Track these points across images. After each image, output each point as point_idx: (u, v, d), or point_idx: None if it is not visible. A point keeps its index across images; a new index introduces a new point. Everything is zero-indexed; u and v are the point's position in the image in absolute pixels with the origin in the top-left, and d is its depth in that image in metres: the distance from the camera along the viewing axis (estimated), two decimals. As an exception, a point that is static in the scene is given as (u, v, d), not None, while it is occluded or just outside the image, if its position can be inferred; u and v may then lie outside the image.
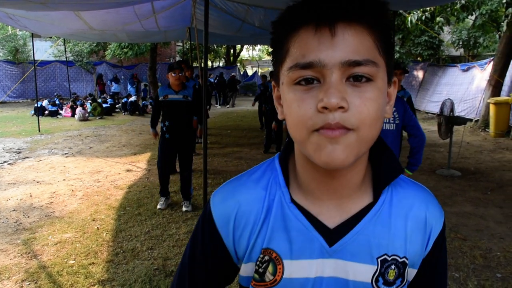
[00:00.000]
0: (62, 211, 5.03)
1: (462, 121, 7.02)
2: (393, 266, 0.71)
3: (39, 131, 11.37)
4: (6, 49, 20.50)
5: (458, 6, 9.27)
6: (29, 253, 3.88)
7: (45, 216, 4.88)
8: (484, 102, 11.73)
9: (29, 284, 3.32)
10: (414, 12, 10.02)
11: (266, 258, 0.71)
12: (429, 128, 11.14)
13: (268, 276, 0.72)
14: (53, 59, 21.30)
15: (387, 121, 3.31)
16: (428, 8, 10.11)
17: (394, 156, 0.75)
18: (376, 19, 0.61)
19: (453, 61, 18.88)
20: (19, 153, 8.59)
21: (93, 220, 4.70)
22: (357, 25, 0.60)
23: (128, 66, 23.00)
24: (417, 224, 0.73)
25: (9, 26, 12.23)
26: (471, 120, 12.04)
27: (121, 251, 3.90)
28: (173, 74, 4.73)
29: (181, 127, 4.89)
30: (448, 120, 6.85)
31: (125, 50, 17.70)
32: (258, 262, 0.72)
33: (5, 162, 7.72)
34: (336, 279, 0.70)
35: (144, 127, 12.31)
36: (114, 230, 4.41)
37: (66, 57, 18.18)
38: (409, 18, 9.68)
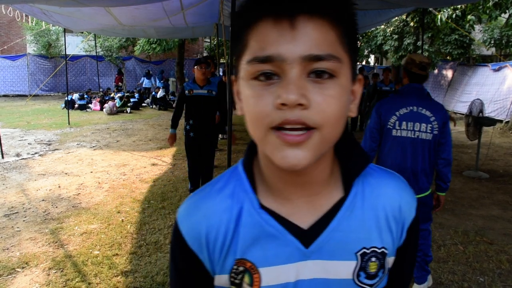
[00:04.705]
0: (88, 203, 5.18)
1: (491, 122, 6.85)
2: (373, 258, 0.70)
3: (68, 124, 11.68)
4: (39, 44, 21.04)
5: (490, 4, 8.99)
6: (56, 242, 4.02)
7: (72, 207, 5.03)
8: (516, 103, 11.38)
9: (55, 272, 3.44)
10: (444, 10, 9.79)
11: (241, 268, 0.68)
12: (457, 129, 10.87)
13: (246, 287, 0.69)
14: (83, 53, 21.72)
15: (424, 130, 2.72)
16: (459, 6, 9.85)
17: (360, 146, 0.74)
18: (339, 13, 0.59)
19: (484, 60, 18.33)
20: (49, 145, 8.87)
21: (118, 212, 4.82)
22: (319, 18, 0.57)
23: (156, 62, 23.26)
24: (391, 213, 0.72)
25: (43, 22, 12.56)
26: (501, 121, 11.71)
27: (145, 244, 3.99)
28: (199, 68, 4.73)
29: (205, 124, 4.84)
30: (477, 120, 6.68)
31: (154, 45, 17.92)
32: (232, 274, 0.69)
33: (36, 153, 7.99)
34: (317, 280, 0.68)
35: (170, 122, 12.43)
36: (138, 223, 4.51)
37: (96, 52, 18.51)
38: (439, 16, 9.46)
